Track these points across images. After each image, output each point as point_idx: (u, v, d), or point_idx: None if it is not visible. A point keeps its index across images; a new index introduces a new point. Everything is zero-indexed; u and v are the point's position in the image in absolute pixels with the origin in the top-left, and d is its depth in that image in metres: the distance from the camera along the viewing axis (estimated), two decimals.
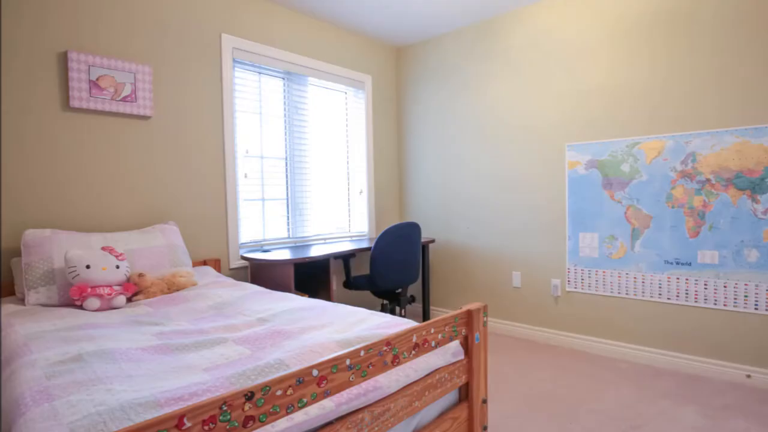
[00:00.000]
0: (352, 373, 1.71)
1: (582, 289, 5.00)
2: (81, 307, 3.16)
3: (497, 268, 5.77)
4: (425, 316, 6.16)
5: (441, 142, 6.30)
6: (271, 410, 1.43)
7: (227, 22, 4.80)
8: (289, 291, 4.38)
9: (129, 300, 3.38)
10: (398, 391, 2.02)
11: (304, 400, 1.54)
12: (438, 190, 6.37)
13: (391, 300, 5.37)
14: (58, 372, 1.87)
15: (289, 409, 1.49)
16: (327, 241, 5.93)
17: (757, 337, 4.02)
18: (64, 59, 3.74)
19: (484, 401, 2.55)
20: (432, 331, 2.13)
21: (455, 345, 2.43)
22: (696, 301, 4.29)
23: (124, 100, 4.00)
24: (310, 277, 5.13)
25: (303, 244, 5.53)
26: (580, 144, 4.94)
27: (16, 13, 3.54)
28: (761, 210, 3.96)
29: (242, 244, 5.02)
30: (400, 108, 6.84)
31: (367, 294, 6.42)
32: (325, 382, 1.60)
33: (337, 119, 6.15)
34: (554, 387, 4.08)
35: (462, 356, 2.45)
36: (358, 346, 1.75)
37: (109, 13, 3.98)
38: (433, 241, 6.06)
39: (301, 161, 5.65)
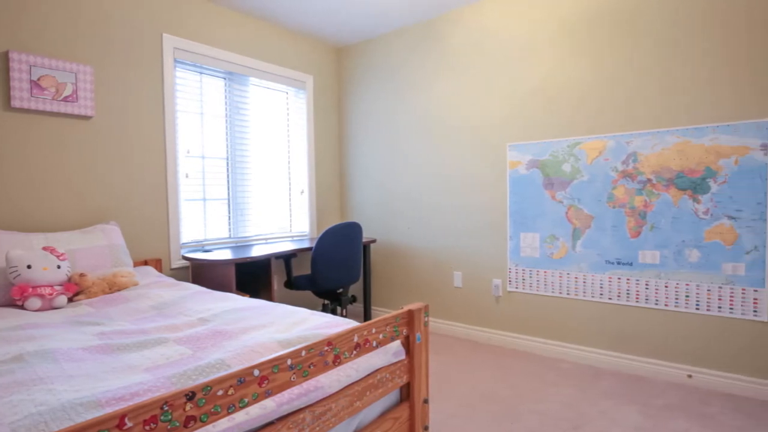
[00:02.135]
0: (294, 373, 1.77)
1: (523, 289, 5.14)
2: (22, 307, 3.20)
3: (439, 268, 5.89)
4: (366, 316, 6.24)
5: (383, 142, 6.40)
6: (212, 410, 1.48)
7: (168, 22, 4.85)
8: (231, 291, 4.44)
9: (70, 300, 3.42)
10: (339, 391, 2.10)
11: (246, 400, 1.59)
12: (380, 190, 6.47)
13: (332, 300, 5.44)
14: None
15: (230, 409, 1.54)
16: (268, 241, 5.99)
17: (698, 337, 4.18)
18: (5, 59, 3.78)
19: (426, 401, 2.63)
20: (373, 331, 2.21)
21: (396, 345, 2.52)
22: (637, 301, 4.44)
23: (65, 100, 4.05)
24: (251, 277, 5.17)
25: (244, 244, 5.58)
26: (521, 144, 5.09)
27: None
28: (702, 210, 4.10)
29: (183, 244, 5.07)
30: (341, 108, 6.91)
31: (308, 294, 6.47)
32: (266, 382, 1.67)
33: (278, 119, 6.24)
34: (496, 387, 4.20)
35: (403, 356, 2.55)
36: (299, 346, 1.82)
37: (50, 13, 4.03)
38: (374, 241, 6.16)
39: (243, 161, 5.72)
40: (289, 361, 1.75)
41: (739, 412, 3.68)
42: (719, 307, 4.06)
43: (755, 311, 3.91)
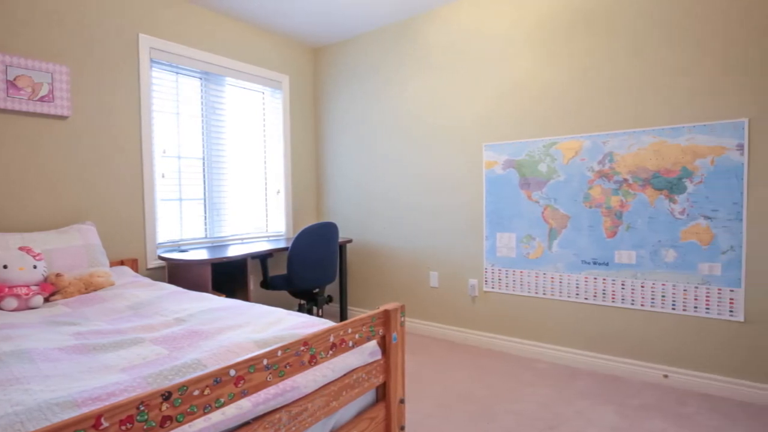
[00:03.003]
0: (270, 373, 1.79)
1: (499, 289, 5.20)
2: None
3: (415, 268, 5.94)
4: (342, 316, 6.28)
5: (359, 142, 6.45)
6: (188, 410, 1.51)
7: (145, 22, 4.88)
8: (207, 291, 4.47)
9: (46, 300, 3.45)
10: (315, 391, 2.13)
11: (222, 400, 1.62)
12: (356, 190, 6.52)
13: (308, 300, 5.47)
14: None
15: (207, 409, 1.57)
16: (244, 241, 6.02)
17: (674, 337, 4.24)
18: None
19: (402, 401, 2.67)
20: (349, 331, 2.24)
21: (372, 345, 2.56)
22: (613, 301, 4.50)
23: (41, 100, 4.09)
24: (227, 277, 5.18)
25: (220, 244, 5.61)
26: (497, 144, 5.15)
27: None
28: (678, 210, 4.16)
29: (159, 244, 5.09)
30: (318, 108, 6.95)
31: (284, 294, 6.49)
32: (242, 382, 1.69)
33: (254, 119, 6.28)
34: (472, 387, 4.24)
35: (379, 356, 2.58)
36: (275, 346, 1.85)
37: (26, 13, 4.05)
38: (350, 241, 6.21)
39: (219, 161, 5.75)
40: (265, 361, 1.78)
41: (715, 412, 3.73)
42: (695, 307, 4.11)
43: (731, 311, 3.96)
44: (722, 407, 3.82)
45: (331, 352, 2.12)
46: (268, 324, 2.69)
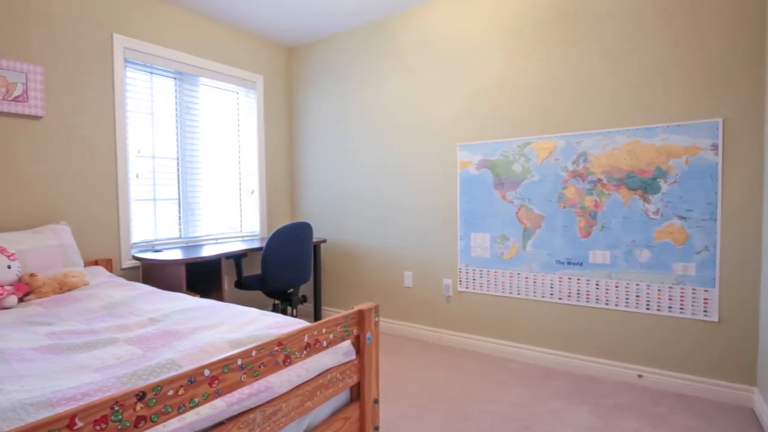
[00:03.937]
0: (244, 373, 1.82)
1: (474, 289, 5.25)
2: None
3: (389, 268, 5.99)
4: (317, 316, 6.31)
5: (334, 142, 6.48)
6: (162, 410, 1.53)
7: (119, 22, 4.90)
8: (181, 291, 4.48)
9: (20, 300, 3.46)
10: (290, 391, 2.16)
11: (196, 400, 1.65)
12: (331, 190, 6.55)
13: (282, 300, 5.49)
14: None
15: (181, 409, 1.60)
16: (218, 241, 6.04)
17: (649, 337, 4.30)
18: None
19: (376, 401, 2.71)
20: (323, 331, 2.27)
21: (347, 345, 2.59)
22: (588, 301, 4.56)
23: (15, 99, 4.11)
24: (201, 277, 5.20)
25: (195, 244, 5.63)
26: (472, 144, 5.20)
27: None
28: (653, 210, 4.22)
29: (134, 244, 5.12)
30: (292, 108, 6.97)
31: (258, 294, 6.50)
32: (216, 382, 1.72)
33: (228, 119, 6.30)
34: (446, 387, 4.29)
35: (353, 356, 2.62)
36: (249, 346, 1.88)
37: (0, 12, 4.04)
38: (324, 241, 6.25)
39: (193, 161, 5.77)
40: (239, 361, 1.81)
41: (689, 412, 3.79)
42: (670, 308, 4.17)
43: (705, 311, 4.02)
44: (696, 407, 3.88)
45: (305, 352, 2.15)
46: (243, 324, 2.72)
